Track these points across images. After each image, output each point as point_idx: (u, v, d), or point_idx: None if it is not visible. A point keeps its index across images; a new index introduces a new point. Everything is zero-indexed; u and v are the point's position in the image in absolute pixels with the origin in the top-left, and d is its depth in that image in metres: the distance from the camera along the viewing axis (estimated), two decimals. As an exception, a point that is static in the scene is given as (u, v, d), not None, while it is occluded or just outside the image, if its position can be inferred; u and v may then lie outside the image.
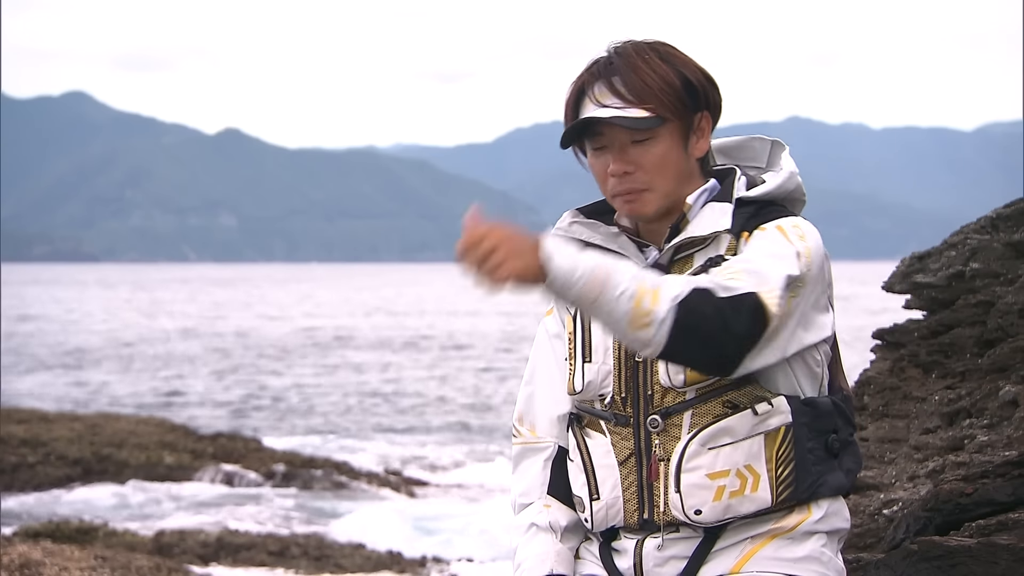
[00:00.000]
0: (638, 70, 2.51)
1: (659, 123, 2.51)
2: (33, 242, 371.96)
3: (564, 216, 2.67)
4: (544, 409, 2.70)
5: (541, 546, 2.64)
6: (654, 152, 2.52)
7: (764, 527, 2.53)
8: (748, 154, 2.70)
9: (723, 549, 2.53)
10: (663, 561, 2.55)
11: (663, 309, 2.32)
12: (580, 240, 2.61)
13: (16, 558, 7.97)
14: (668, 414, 2.52)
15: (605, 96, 2.52)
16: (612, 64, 2.53)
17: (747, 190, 2.58)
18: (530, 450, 2.72)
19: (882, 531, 4.16)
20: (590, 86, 2.54)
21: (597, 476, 2.59)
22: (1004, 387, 4.47)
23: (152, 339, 49.35)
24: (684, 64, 2.55)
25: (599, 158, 2.57)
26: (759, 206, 2.56)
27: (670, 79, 2.52)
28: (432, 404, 27.96)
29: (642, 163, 2.53)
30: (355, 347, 45.87)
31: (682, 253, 2.55)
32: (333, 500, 15.29)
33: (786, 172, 2.61)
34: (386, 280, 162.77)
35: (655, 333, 2.33)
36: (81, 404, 26.23)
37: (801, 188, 2.63)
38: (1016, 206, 4.98)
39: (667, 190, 2.54)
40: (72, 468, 15.20)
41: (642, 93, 2.50)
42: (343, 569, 10.65)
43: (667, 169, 2.54)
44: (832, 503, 2.56)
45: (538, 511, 2.67)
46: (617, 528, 2.61)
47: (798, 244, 2.47)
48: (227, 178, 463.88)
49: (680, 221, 2.55)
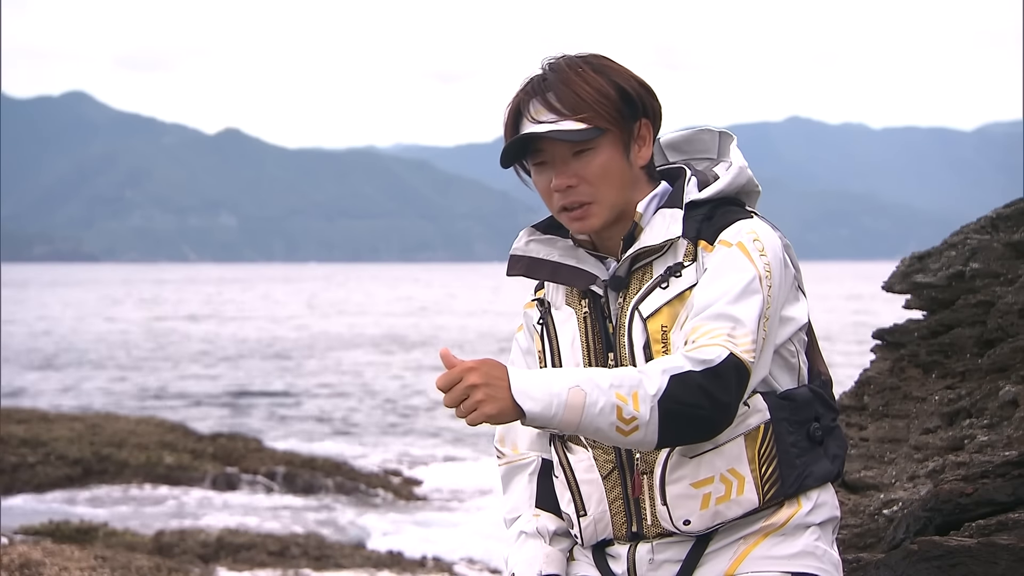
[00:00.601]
0: (571, 83, 2.50)
1: (597, 134, 2.49)
2: (33, 242, 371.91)
3: (521, 235, 2.67)
4: (523, 427, 2.69)
5: (530, 550, 2.65)
6: (595, 163, 2.51)
7: (755, 525, 2.52)
8: (698, 147, 2.69)
9: (716, 551, 2.53)
10: (656, 566, 2.55)
11: (645, 410, 2.33)
12: (539, 258, 2.62)
13: (16, 558, 7.97)
14: None
15: (540, 112, 2.51)
16: (546, 80, 2.53)
17: (699, 190, 2.57)
18: (515, 468, 2.72)
19: (882, 531, 4.16)
20: (525, 104, 2.54)
21: (582, 492, 2.60)
22: (1004, 387, 4.47)
23: (153, 337, 49.37)
24: (618, 74, 2.54)
25: (541, 174, 2.56)
26: (713, 206, 2.55)
27: (605, 90, 2.51)
28: (432, 405, 27.96)
29: (584, 175, 2.52)
30: (356, 347, 45.87)
31: (640, 262, 2.54)
32: (334, 500, 15.28)
33: (735, 167, 2.60)
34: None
35: (645, 434, 2.35)
36: (114, 403, 26.24)
37: (753, 181, 2.62)
38: (1016, 206, 4.98)
39: (612, 201, 2.53)
40: (72, 468, 15.19)
41: (576, 105, 2.49)
42: (343, 569, 10.65)
43: (610, 179, 2.52)
44: (821, 493, 2.55)
45: (527, 520, 2.68)
46: (606, 540, 2.61)
47: (759, 262, 2.46)
48: (227, 178, 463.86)
49: (634, 230, 2.54)
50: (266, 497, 15.11)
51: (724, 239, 2.49)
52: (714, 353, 2.37)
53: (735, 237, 2.48)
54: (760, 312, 2.43)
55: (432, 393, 30.09)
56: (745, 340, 2.40)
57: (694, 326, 2.41)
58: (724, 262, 2.46)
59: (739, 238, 2.48)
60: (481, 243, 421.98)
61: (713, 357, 2.36)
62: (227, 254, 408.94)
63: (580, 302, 2.60)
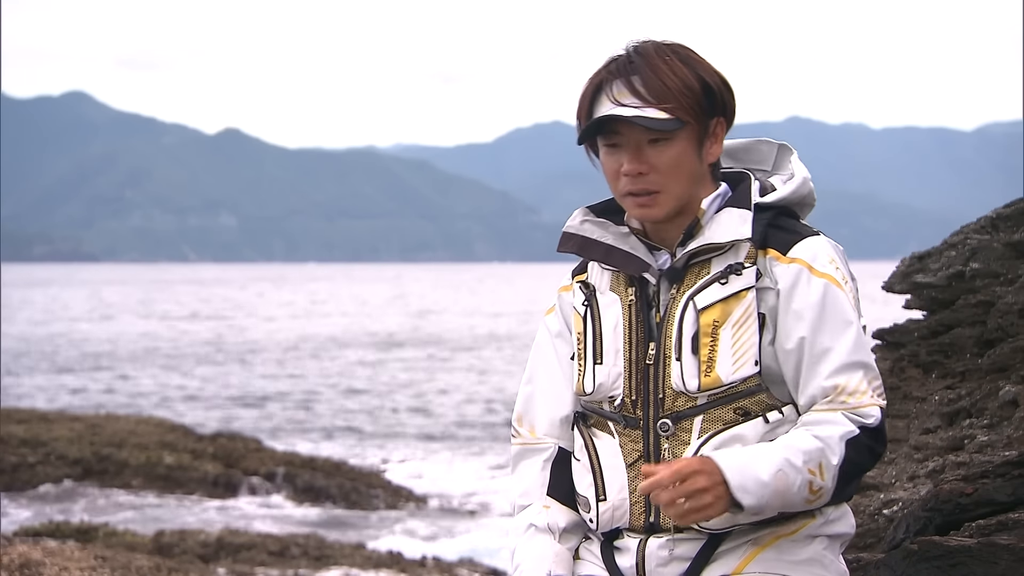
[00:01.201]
0: (659, 71, 2.49)
1: (678, 125, 2.48)
2: (33, 242, 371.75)
3: (575, 214, 2.65)
4: (544, 410, 2.69)
5: (539, 547, 2.62)
6: (669, 154, 2.50)
7: (767, 529, 2.52)
8: (755, 157, 2.68)
9: (726, 551, 2.53)
10: (666, 562, 2.54)
11: (830, 479, 2.42)
12: (592, 239, 2.60)
13: (16, 558, 7.96)
14: (679, 418, 2.51)
15: (624, 95, 2.49)
16: (632, 63, 2.51)
17: (760, 196, 2.58)
18: (529, 451, 2.70)
19: (882, 531, 4.16)
20: (608, 83, 2.51)
21: (605, 477, 2.58)
22: (1004, 387, 4.47)
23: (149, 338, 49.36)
24: (703, 68, 2.53)
25: (612, 156, 2.54)
26: (775, 213, 2.56)
27: (690, 82, 2.50)
28: (435, 406, 27.96)
29: (657, 164, 2.51)
30: (359, 347, 45.86)
31: (698, 258, 2.54)
32: (333, 501, 15.28)
33: (799, 178, 2.61)
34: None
35: (824, 499, 2.46)
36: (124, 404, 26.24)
37: (813, 194, 2.63)
38: (1016, 206, 4.98)
39: (679, 193, 2.52)
40: (72, 468, 15.19)
41: (662, 94, 2.47)
42: (343, 569, 10.64)
43: (681, 172, 2.52)
44: (835, 510, 2.57)
45: (537, 512, 2.66)
46: (620, 528, 2.60)
47: (847, 285, 2.52)
48: (227, 178, 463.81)
49: (694, 226, 2.54)
50: (266, 497, 15.11)
51: (802, 258, 2.50)
52: (873, 413, 2.46)
53: (820, 264, 2.51)
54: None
55: (433, 393, 30.10)
56: (880, 385, 2.49)
57: (838, 384, 2.45)
58: (828, 305, 2.48)
59: (825, 268, 2.50)
60: (481, 243, 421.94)
61: (873, 417, 2.45)
62: (227, 254, 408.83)
63: (626, 289, 2.59)
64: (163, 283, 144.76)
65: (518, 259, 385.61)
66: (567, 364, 2.67)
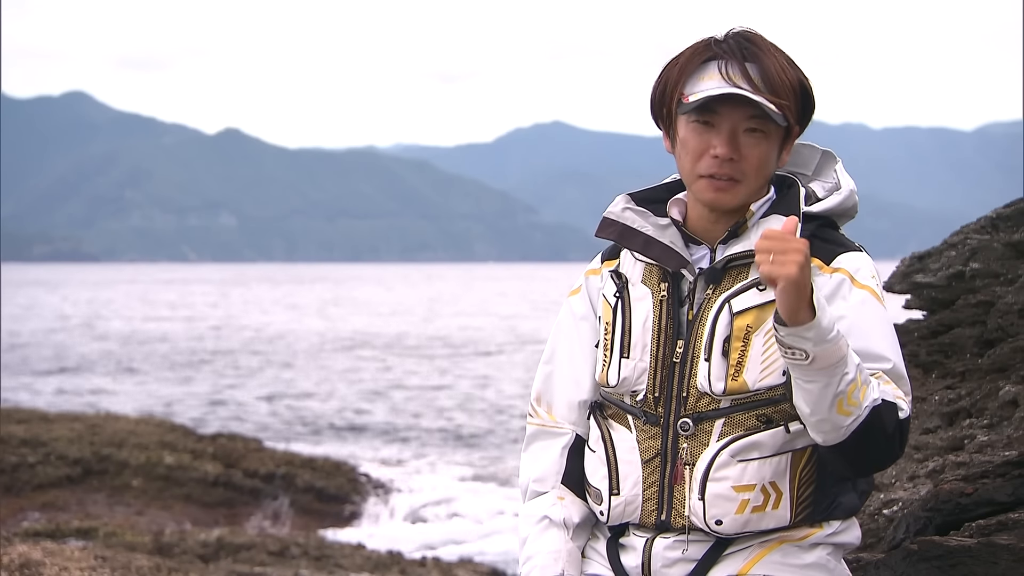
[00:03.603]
0: (775, 64, 2.46)
1: (785, 123, 2.46)
2: (33, 242, 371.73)
3: (617, 200, 2.61)
4: (563, 391, 2.66)
5: (553, 543, 2.60)
6: (761, 148, 2.48)
7: (774, 534, 2.52)
8: (796, 160, 2.65)
9: (732, 553, 2.52)
10: (672, 562, 2.53)
11: (863, 406, 2.33)
12: (633, 228, 2.57)
13: (16, 558, 7.96)
14: (700, 419, 2.49)
15: (738, 78, 2.44)
16: (747, 49, 2.47)
17: (806, 204, 2.55)
18: (545, 433, 2.68)
19: (882, 531, 4.16)
20: (721, 62, 2.46)
21: (620, 471, 2.56)
22: (1004, 387, 4.47)
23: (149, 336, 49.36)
24: (803, 73, 2.51)
25: (702, 134, 2.49)
26: (819, 224, 2.54)
27: (796, 85, 2.48)
28: (439, 406, 27.96)
29: (748, 155, 2.47)
30: (357, 348, 45.86)
31: (738, 261, 2.51)
32: (333, 501, 15.28)
33: (847, 190, 2.59)
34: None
35: (847, 428, 2.34)
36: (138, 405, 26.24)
37: (856, 206, 2.61)
38: (1016, 206, 4.98)
39: (754, 188, 2.51)
40: (72, 468, 15.18)
41: (779, 88, 2.44)
42: (343, 569, 10.65)
43: (764, 168, 2.50)
44: (843, 523, 2.56)
45: (552, 503, 2.63)
46: (628, 524, 2.59)
47: (885, 301, 2.49)
48: (227, 178, 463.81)
49: (739, 226, 2.52)
50: (266, 498, 15.11)
51: (845, 268, 2.48)
52: (906, 408, 2.41)
53: (862, 277, 2.48)
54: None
55: (433, 393, 30.08)
56: (911, 400, 2.45)
57: (876, 373, 2.41)
58: (869, 313, 2.45)
59: (867, 281, 2.47)
60: (481, 243, 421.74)
61: (904, 408, 2.40)
62: (227, 254, 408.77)
63: (659, 284, 2.56)
64: (163, 283, 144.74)
65: (518, 259, 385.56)
66: (589, 348, 2.64)
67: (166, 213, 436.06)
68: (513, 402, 27.89)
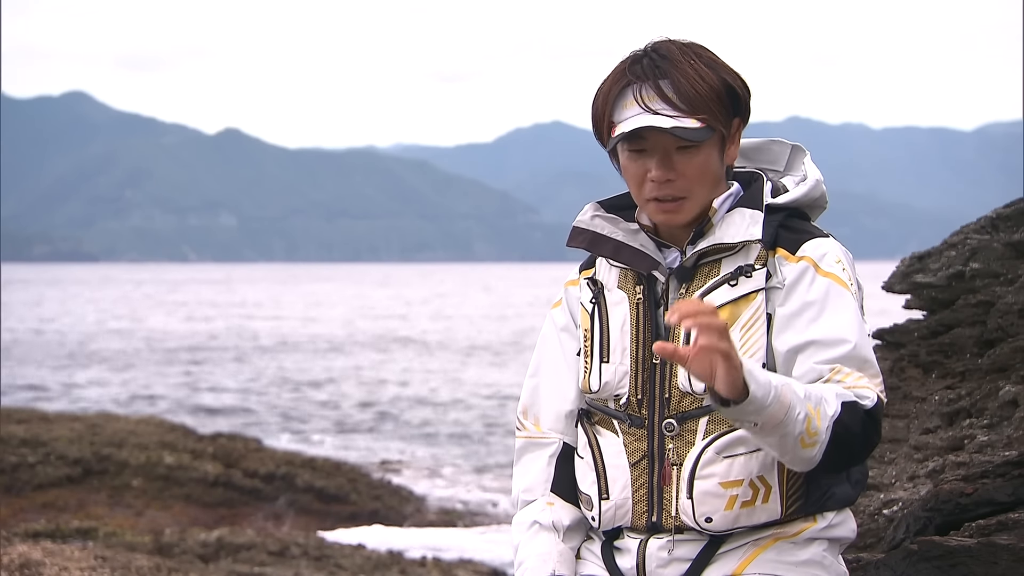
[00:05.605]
0: (688, 77, 2.45)
1: (710, 134, 2.46)
2: (33, 242, 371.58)
3: (586, 209, 2.63)
4: (549, 403, 2.68)
5: (543, 545, 2.62)
6: (697, 161, 2.48)
7: (768, 531, 2.52)
8: (767, 157, 2.67)
9: (726, 552, 2.52)
10: (666, 562, 2.54)
11: (824, 428, 2.32)
12: (602, 235, 2.59)
13: (16, 558, 7.96)
14: (684, 419, 2.50)
15: (654, 100, 2.45)
16: (659, 67, 2.47)
17: (772, 196, 2.56)
18: (534, 445, 2.70)
19: (882, 531, 4.16)
20: (636, 86, 2.47)
21: (608, 476, 2.57)
22: (1004, 387, 4.47)
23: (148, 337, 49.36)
24: (725, 70, 2.50)
25: (637, 161, 2.50)
26: (786, 214, 2.55)
27: (718, 88, 2.47)
28: (439, 406, 27.96)
29: (685, 171, 2.48)
30: (357, 348, 45.87)
31: (708, 257, 2.52)
32: (333, 501, 15.28)
33: (812, 180, 2.59)
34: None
35: (816, 453, 2.34)
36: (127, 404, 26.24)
37: (825, 196, 2.62)
38: (1016, 206, 4.98)
39: (703, 198, 2.51)
40: (72, 468, 15.18)
41: (694, 102, 2.44)
42: (343, 569, 10.64)
43: (707, 177, 2.50)
44: (838, 515, 2.57)
45: (541, 509, 2.65)
46: (621, 527, 2.60)
47: (853, 287, 2.48)
48: (227, 178, 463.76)
49: (704, 225, 2.52)
50: (266, 498, 15.11)
51: (809, 256, 2.48)
52: (869, 395, 2.38)
53: (827, 264, 2.47)
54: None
55: (432, 394, 30.08)
56: (881, 382, 2.43)
57: (835, 367, 2.40)
58: (833, 300, 2.44)
59: (831, 268, 2.47)
60: (481, 243, 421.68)
61: (868, 395, 2.38)
62: (227, 254, 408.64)
63: (634, 288, 2.57)
64: (163, 283, 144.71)
65: (518, 259, 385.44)
66: (572, 359, 2.66)
67: (166, 213, 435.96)
68: (516, 402, 27.91)
